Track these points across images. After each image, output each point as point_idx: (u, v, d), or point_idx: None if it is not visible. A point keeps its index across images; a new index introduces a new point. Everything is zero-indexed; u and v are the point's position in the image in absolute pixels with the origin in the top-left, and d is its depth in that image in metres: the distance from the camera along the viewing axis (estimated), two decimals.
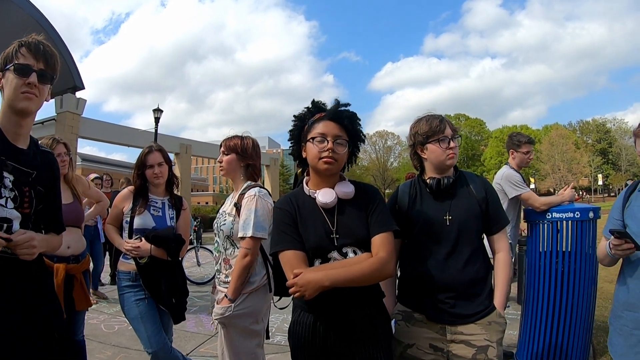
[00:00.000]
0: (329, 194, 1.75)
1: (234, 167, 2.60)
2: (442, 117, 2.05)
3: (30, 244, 1.57)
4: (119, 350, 4.16)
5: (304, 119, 1.82)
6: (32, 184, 1.67)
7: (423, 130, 2.01)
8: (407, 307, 2.00)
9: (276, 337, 4.47)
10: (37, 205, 1.70)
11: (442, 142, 1.98)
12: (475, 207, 1.98)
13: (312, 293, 1.54)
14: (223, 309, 2.37)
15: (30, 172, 1.67)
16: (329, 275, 1.57)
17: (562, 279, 3.22)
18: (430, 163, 2.05)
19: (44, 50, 1.64)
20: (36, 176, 1.69)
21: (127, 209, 2.82)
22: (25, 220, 1.65)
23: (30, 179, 1.67)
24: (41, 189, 1.72)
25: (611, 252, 2.01)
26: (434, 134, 1.98)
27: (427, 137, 2.00)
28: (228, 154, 2.58)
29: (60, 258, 2.76)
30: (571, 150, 56.34)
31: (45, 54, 1.64)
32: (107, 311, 5.63)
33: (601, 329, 4.41)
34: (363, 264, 1.63)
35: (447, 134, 1.99)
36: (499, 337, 1.89)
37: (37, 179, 1.70)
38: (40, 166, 1.73)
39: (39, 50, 1.63)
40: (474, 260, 1.92)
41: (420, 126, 2.04)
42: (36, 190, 1.69)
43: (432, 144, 1.99)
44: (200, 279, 7.57)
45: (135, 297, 2.70)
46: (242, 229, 2.38)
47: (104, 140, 22.68)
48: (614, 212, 2.16)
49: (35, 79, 1.60)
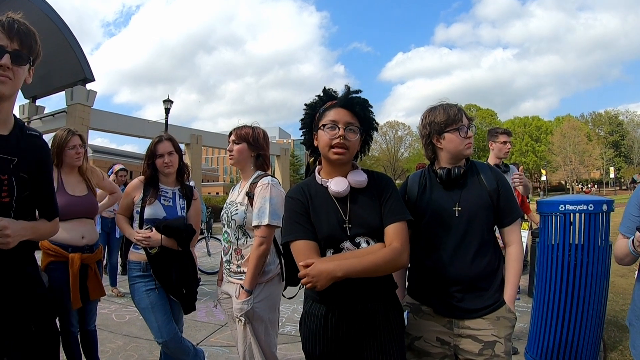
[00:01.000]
0: (342, 183, 1.72)
1: (245, 156, 2.59)
2: (457, 105, 2.01)
3: (2, 232, 1.50)
4: (130, 339, 4.19)
5: (316, 107, 1.80)
6: (13, 171, 1.59)
7: (440, 119, 1.96)
8: (415, 299, 1.99)
9: (286, 327, 4.48)
10: (20, 192, 1.62)
11: (461, 131, 1.94)
12: (486, 198, 1.94)
13: (325, 284, 1.52)
14: (245, 303, 2.34)
15: (11, 158, 1.59)
16: (341, 265, 1.55)
17: (574, 272, 3.18)
18: (447, 152, 1.99)
19: (18, 29, 1.53)
20: (18, 162, 1.61)
21: (138, 199, 2.82)
22: (5, 209, 1.57)
23: (11, 166, 1.59)
24: (25, 175, 1.64)
25: (636, 250, 1.87)
26: (453, 123, 1.94)
27: (445, 125, 1.95)
28: (239, 143, 2.57)
29: (75, 248, 2.81)
30: (583, 142, 55.77)
31: (20, 32, 1.53)
32: (118, 301, 5.68)
33: (612, 323, 4.38)
34: (377, 254, 1.61)
35: (465, 123, 1.96)
36: (508, 332, 1.86)
37: (19, 165, 1.61)
38: (24, 151, 1.65)
39: (12, 29, 1.51)
40: (484, 252, 1.89)
41: (437, 115, 1.98)
42: (19, 177, 1.61)
43: (451, 133, 1.95)
44: (210, 268, 7.62)
45: (146, 287, 2.71)
46: (257, 217, 2.37)
47: (115, 131, 22.85)
48: (631, 208, 2.03)
49: (8, 60, 1.50)
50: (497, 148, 4.06)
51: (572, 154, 55.66)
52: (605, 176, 61.00)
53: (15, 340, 1.61)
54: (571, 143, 55.82)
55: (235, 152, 2.57)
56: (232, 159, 2.60)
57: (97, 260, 3.00)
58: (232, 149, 2.58)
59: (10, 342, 1.60)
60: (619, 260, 2.08)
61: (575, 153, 55.54)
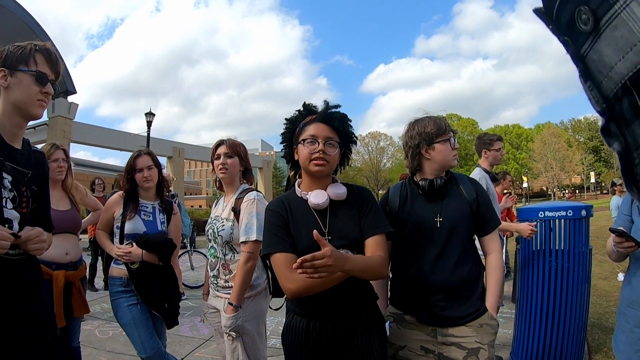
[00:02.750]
0: (321, 195, 1.73)
1: (237, 170, 2.58)
2: (443, 118, 2.06)
3: (40, 238, 1.62)
4: (114, 356, 4.12)
5: (296, 122, 1.81)
6: (27, 183, 1.68)
7: (431, 130, 1.99)
8: (399, 309, 2.00)
9: (271, 340, 4.44)
10: (32, 204, 1.71)
11: (450, 142, 1.98)
12: (466, 208, 1.96)
13: (335, 270, 1.43)
14: (233, 318, 2.33)
15: (26, 171, 1.68)
16: (350, 259, 1.51)
17: (556, 277, 3.23)
18: (434, 163, 2.01)
19: (57, 61, 1.68)
20: (31, 175, 1.70)
21: (118, 214, 2.79)
22: (23, 219, 1.65)
23: (26, 179, 1.68)
24: (35, 188, 1.73)
25: (615, 249, 2.09)
26: (443, 134, 1.98)
27: (435, 136, 1.98)
28: (232, 157, 2.55)
29: (59, 265, 2.73)
30: (563, 149, 56.79)
31: (57, 65, 1.69)
32: (101, 317, 5.59)
33: (596, 326, 4.44)
34: (371, 258, 1.63)
35: (451, 135, 2.00)
36: (491, 339, 1.88)
37: (31, 179, 1.71)
38: (34, 165, 1.74)
39: (54, 61, 1.67)
40: (465, 261, 1.91)
41: (426, 125, 2.00)
42: (31, 189, 1.70)
43: (441, 144, 1.98)
44: (194, 282, 7.54)
45: (128, 302, 2.67)
46: (245, 233, 2.36)
47: (96, 144, 22.65)
48: (624, 207, 2.23)
49: (51, 89, 1.65)
50: (493, 156, 3.91)
51: (552, 160, 56.60)
52: (586, 181, 62.12)
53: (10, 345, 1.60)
54: (552, 150, 56.79)
55: (230, 166, 2.54)
56: (225, 173, 2.54)
57: (81, 277, 2.93)
58: (226, 162, 2.53)
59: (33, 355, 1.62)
60: (609, 255, 2.28)
61: (555, 159, 56.48)
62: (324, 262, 1.38)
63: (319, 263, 1.37)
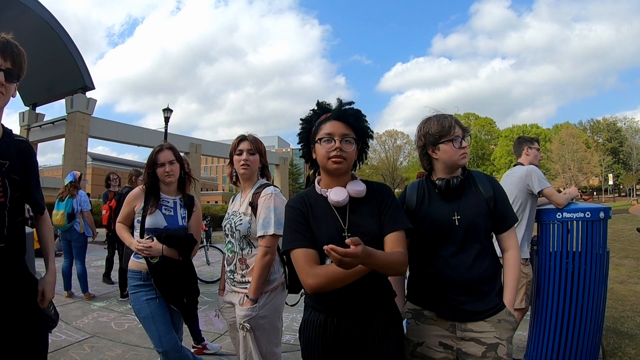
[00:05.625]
0: (341, 192, 1.75)
1: (257, 167, 2.62)
2: (452, 116, 2.03)
3: None
4: (129, 348, 4.19)
5: (311, 121, 1.83)
6: (5, 173, 1.74)
7: (434, 130, 1.99)
8: (417, 305, 2.00)
9: (285, 336, 4.44)
10: (13, 193, 1.77)
11: (455, 141, 1.97)
12: (484, 206, 1.96)
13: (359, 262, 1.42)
14: (249, 310, 2.36)
15: (3, 162, 1.74)
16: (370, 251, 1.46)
17: (573, 279, 3.19)
18: (442, 163, 2.02)
19: (12, 50, 1.69)
20: (9, 165, 1.76)
21: (139, 208, 2.82)
22: (1, 208, 1.72)
23: (4, 169, 1.74)
24: (16, 177, 1.79)
25: None
26: (447, 134, 1.97)
27: (439, 137, 1.98)
28: (254, 154, 2.59)
29: None
30: (582, 150, 55.84)
31: (13, 53, 1.69)
32: (117, 309, 5.68)
33: (611, 330, 4.39)
34: (392, 253, 1.63)
35: (459, 134, 1.98)
36: (509, 335, 1.88)
37: (10, 168, 1.77)
38: (14, 155, 1.80)
39: (7, 50, 1.67)
40: (483, 258, 1.92)
41: (430, 126, 2.01)
42: (11, 179, 1.76)
43: (445, 144, 1.98)
44: (209, 277, 7.63)
45: (146, 296, 2.70)
46: (262, 227, 2.39)
47: (114, 139, 22.92)
48: None
49: (2, 77, 1.66)
50: (534, 154, 3.98)
51: (570, 161, 55.72)
52: (604, 183, 61.10)
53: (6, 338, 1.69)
54: (569, 150, 55.91)
55: (251, 163, 2.57)
56: (247, 169, 2.57)
57: None
58: (248, 159, 2.56)
59: None
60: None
61: (573, 160, 55.61)
62: (350, 261, 1.39)
63: (346, 260, 1.38)
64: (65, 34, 18.86)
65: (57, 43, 18.73)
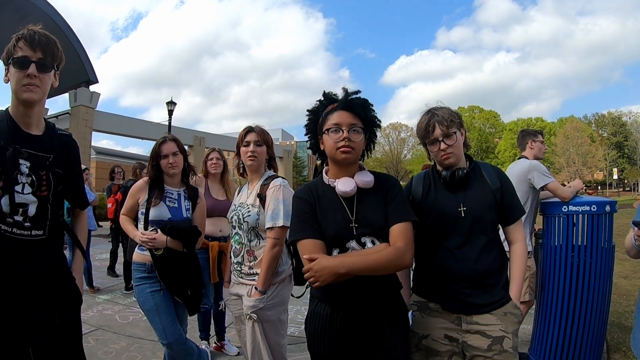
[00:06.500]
0: (349, 183, 1.75)
1: (264, 159, 2.62)
2: (431, 115, 1.97)
3: None
4: (134, 340, 4.21)
5: (318, 112, 1.83)
6: (49, 167, 1.77)
7: (417, 131, 2.02)
8: (422, 297, 2.00)
9: (290, 328, 4.45)
10: (56, 186, 1.80)
11: (434, 144, 1.97)
12: (490, 198, 1.95)
13: (326, 279, 1.54)
14: (256, 301, 2.37)
15: (47, 156, 1.77)
16: (344, 262, 1.57)
17: (578, 273, 3.18)
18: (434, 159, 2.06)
19: (39, 40, 1.67)
20: (53, 159, 1.79)
21: (143, 200, 2.82)
22: (43, 202, 1.75)
23: (48, 163, 1.77)
24: (59, 170, 1.82)
25: (636, 243, 2.00)
26: (426, 137, 1.98)
27: (422, 138, 2.01)
28: (261, 145, 2.58)
29: (214, 238, 3.66)
30: (586, 144, 55.43)
31: (41, 42, 1.68)
32: (121, 302, 5.71)
33: (615, 325, 4.38)
34: (380, 253, 1.63)
35: (437, 135, 1.94)
36: (515, 328, 1.87)
37: (54, 162, 1.79)
38: (58, 149, 1.82)
39: (34, 41, 1.66)
40: (489, 250, 1.91)
41: (417, 127, 2.04)
42: (54, 172, 1.79)
43: (428, 145, 2.00)
44: None
45: (151, 288, 2.71)
46: (271, 219, 2.39)
47: (118, 133, 22.95)
48: None
49: (34, 69, 1.65)
50: (538, 147, 3.96)
51: (575, 155, 55.38)
52: (608, 177, 60.80)
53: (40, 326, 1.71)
54: (574, 144, 55.54)
55: (259, 154, 2.57)
56: (254, 161, 2.57)
57: None
58: (255, 151, 2.55)
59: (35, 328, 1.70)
60: (627, 252, 2.15)
61: (578, 154, 55.25)
62: (308, 275, 1.56)
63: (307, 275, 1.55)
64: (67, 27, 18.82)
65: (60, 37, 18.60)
